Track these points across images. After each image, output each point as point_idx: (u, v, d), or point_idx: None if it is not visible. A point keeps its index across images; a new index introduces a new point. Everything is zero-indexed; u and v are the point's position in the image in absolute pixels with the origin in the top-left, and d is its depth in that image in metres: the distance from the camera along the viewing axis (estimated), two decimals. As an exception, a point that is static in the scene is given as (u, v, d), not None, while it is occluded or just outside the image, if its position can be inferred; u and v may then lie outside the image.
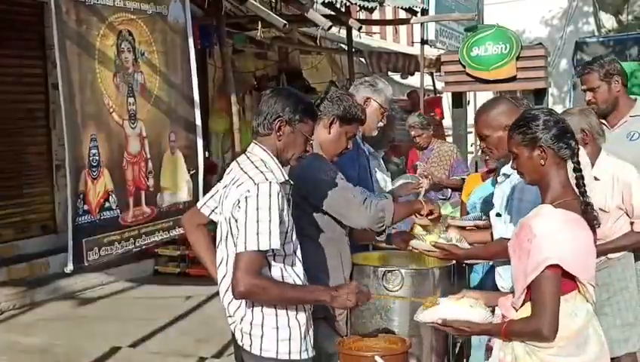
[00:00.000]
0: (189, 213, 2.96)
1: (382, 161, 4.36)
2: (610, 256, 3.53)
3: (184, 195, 5.00)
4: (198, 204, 2.85)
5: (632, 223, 3.52)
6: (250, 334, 2.55)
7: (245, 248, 2.44)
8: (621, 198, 3.49)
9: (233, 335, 2.65)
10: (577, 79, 9.40)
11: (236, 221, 2.49)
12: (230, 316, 2.62)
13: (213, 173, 8.40)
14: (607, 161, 3.55)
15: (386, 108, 3.82)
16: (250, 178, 2.50)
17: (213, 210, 2.76)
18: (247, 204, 2.45)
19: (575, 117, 3.49)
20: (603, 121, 3.80)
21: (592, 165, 3.48)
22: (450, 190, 6.22)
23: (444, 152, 6.27)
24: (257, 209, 2.44)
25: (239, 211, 2.47)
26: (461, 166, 6.25)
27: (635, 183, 3.49)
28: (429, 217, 3.13)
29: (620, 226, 3.53)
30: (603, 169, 3.50)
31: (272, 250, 2.48)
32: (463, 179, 5.88)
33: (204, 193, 2.99)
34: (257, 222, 2.43)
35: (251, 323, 2.55)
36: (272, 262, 2.55)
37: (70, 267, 4.06)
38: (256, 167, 2.54)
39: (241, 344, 2.59)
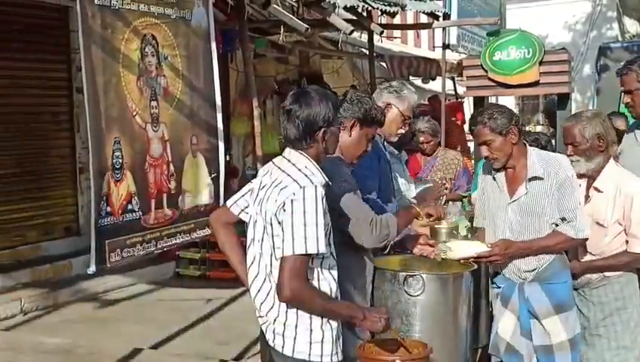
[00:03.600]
0: (218, 211, 2.94)
1: (405, 166, 4.28)
2: (607, 273, 3.33)
3: (205, 198, 5.00)
4: (228, 203, 2.82)
5: (627, 241, 3.30)
6: (282, 335, 2.54)
7: (293, 251, 2.41)
8: (622, 212, 3.27)
9: (263, 335, 2.64)
10: (601, 84, 9.36)
11: (280, 223, 2.46)
12: (261, 316, 2.61)
13: (234, 176, 8.44)
14: (613, 171, 3.34)
15: (408, 115, 3.69)
16: (295, 181, 2.48)
17: (243, 210, 2.75)
18: (294, 207, 2.43)
19: (591, 121, 3.32)
20: None
21: (599, 173, 3.33)
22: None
23: (449, 160, 6.17)
24: (304, 212, 2.42)
25: (284, 213, 2.44)
26: (462, 179, 6.03)
27: (638, 196, 3.26)
28: (430, 219, 3.19)
29: (619, 243, 3.31)
30: (607, 180, 3.31)
31: (317, 253, 2.45)
32: (464, 196, 5.75)
33: (225, 196, 2.99)
34: (305, 225, 2.41)
35: (284, 324, 2.53)
36: (310, 265, 2.51)
37: (93, 268, 4.08)
38: (299, 170, 2.52)
39: (272, 344, 2.58)
